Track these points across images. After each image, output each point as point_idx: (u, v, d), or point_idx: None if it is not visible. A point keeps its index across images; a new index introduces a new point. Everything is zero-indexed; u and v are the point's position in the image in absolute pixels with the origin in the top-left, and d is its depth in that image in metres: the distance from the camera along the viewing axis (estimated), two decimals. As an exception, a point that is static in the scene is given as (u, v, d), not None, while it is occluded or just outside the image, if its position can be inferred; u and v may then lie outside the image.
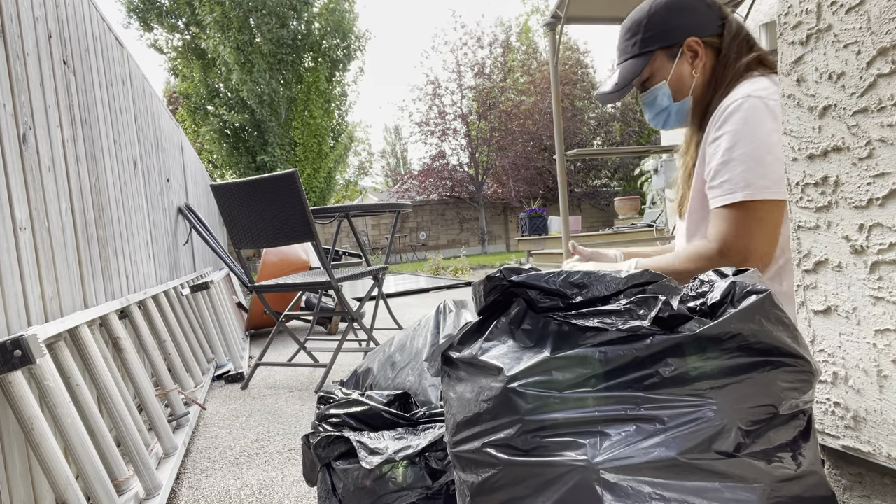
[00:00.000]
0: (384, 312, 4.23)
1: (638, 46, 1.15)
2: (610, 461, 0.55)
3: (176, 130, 3.75)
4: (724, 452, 0.55)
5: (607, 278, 0.63)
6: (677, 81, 1.14)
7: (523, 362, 0.61)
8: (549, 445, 0.58)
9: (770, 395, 0.56)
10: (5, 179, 1.16)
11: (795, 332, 0.59)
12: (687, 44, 1.11)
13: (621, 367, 0.58)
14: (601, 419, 0.57)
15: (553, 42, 3.92)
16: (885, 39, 0.56)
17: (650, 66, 1.15)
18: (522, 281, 0.65)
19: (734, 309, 0.57)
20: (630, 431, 0.56)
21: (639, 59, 1.15)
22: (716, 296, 0.60)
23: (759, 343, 0.57)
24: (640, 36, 1.15)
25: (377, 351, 1.25)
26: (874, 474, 0.65)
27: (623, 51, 1.19)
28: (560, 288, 0.63)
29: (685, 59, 1.13)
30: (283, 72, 12.87)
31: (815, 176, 0.66)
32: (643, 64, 1.15)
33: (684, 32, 1.11)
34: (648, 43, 1.14)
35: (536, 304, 0.65)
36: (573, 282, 0.63)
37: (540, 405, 0.59)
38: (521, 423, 0.60)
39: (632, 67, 1.16)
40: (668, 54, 1.13)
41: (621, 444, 0.56)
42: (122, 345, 1.63)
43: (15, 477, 1.08)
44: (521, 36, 18.91)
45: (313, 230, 2.29)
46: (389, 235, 3.20)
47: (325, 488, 0.96)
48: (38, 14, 1.43)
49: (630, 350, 0.57)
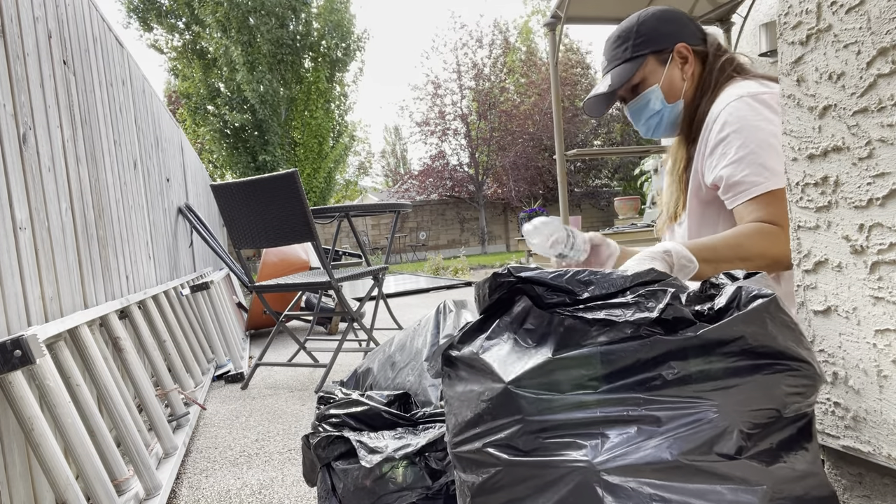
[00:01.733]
0: (384, 312, 4.23)
1: (630, 51, 1.18)
2: (611, 462, 0.55)
3: (176, 130, 3.75)
4: (726, 454, 0.54)
5: (613, 276, 0.63)
6: (669, 85, 1.17)
7: (524, 362, 0.61)
8: (551, 446, 0.58)
9: (773, 399, 0.56)
10: (5, 179, 1.16)
11: (801, 336, 0.59)
12: (677, 49, 1.15)
13: (623, 369, 0.57)
14: (602, 420, 0.57)
15: (553, 42, 3.92)
16: (885, 39, 0.56)
17: (642, 70, 1.17)
18: (530, 277, 0.65)
19: (739, 312, 0.57)
20: (631, 433, 0.56)
21: (631, 63, 1.18)
22: (722, 301, 0.59)
23: (763, 347, 0.56)
24: (631, 41, 1.18)
25: (377, 351, 1.25)
26: (874, 474, 0.65)
27: (613, 58, 1.21)
28: (567, 284, 0.63)
29: (675, 64, 1.16)
30: (282, 72, 12.88)
31: (815, 176, 0.66)
32: (636, 67, 1.17)
33: (674, 38, 1.16)
34: (640, 47, 1.17)
35: (543, 299, 0.65)
36: (580, 279, 0.63)
37: (541, 406, 0.59)
38: (522, 423, 0.60)
39: (624, 71, 1.18)
40: (660, 59, 1.17)
41: (623, 445, 0.56)
42: (122, 345, 1.63)
43: (15, 477, 1.08)
44: (522, 36, 18.92)
45: (313, 230, 2.29)
46: (389, 235, 3.20)
47: (325, 488, 0.96)
48: (38, 14, 1.43)
49: (633, 351, 0.57)
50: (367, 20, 76.53)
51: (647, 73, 1.18)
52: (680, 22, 1.18)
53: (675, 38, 1.16)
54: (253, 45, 12.37)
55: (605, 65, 1.24)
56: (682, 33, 1.16)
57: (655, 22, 1.17)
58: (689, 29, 1.18)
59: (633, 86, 1.20)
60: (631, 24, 1.19)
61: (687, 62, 1.16)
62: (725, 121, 1.03)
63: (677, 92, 1.17)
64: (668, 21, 1.17)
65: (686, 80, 1.16)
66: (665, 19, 1.17)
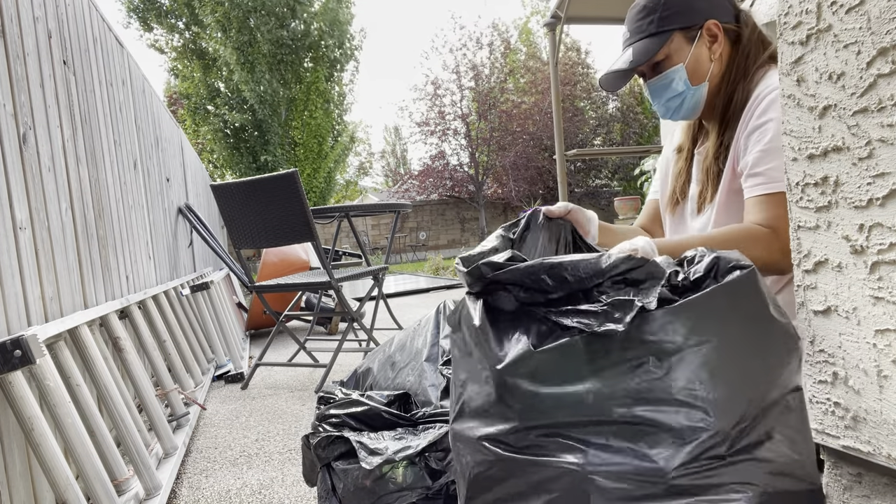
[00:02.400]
0: (384, 312, 4.23)
1: (655, 25, 1.08)
2: (599, 465, 0.55)
3: (176, 130, 3.75)
4: (715, 454, 0.55)
5: (588, 263, 0.61)
6: (694, 65, 1.08)
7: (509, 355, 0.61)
8: (541, 445, 0.59)
9: (760, 381, 0.57)
10: (5, 179, 1.16)
11: (778, 306, 0.60)
12: (707, 26, 1.07)
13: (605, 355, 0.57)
14: (589, 420, 0.57)
15: (553, 42, 3.91)
16: (885, 39, 0.56)
17: (667, 47, 1.08)
18: (499, 277, 0.64)
19: (717, 283, 0.57)
20: (620, 433, 0.56)
21: (655, 38, 1.08)
22: (699, 270, 0.59)
23: (743, 316, 0.57)
24: (657, 14, 1.08)
25: (377, 351, 1.25)
26: (874, 474, 0.65)
27: (636, 30, 1.12)
28: (539, 281, 0.62)
29: (703, 42, 1.07)
30: (282, 72, 12.88)
31: (815, 176, 0.66)
32: (661, 43, 1.08)
33: (704, 14, 1.07)
34: (667, 22, 1.07)
35: (518, 299, 0.65)
36: (554, 273, 0.61)
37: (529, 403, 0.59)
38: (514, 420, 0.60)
39: (648, 46, 1.09)
40: (687, 36, 1.08)
41: (610, 448, 0.56)
42: (122, 345, 1.63)
43: (15, 477, 1.08)
44: (521, 37, 18.92)
45: (313, 230, 2.29)
46: (389, 235, 3.20)
47: (325, 488, 0.96)
48: (38, 14, 1.43)
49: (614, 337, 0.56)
50: (367, 20, 76.55)
51: (673, 51, 1.08)
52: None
53: (705, 13, 1.06)
54: (253, 45, 12.37)
55: (628, 37, 1.14)
56: (715, 9, 1.07)
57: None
58: (721, 4, 1.08)
59: (656, 63, 1.11)
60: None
61: (716, 41, 1.07)
62: (768, 107, 0.97)
63: (703, 73, 1.09)
64: None
65: (714, 60, 1.08)
66: None
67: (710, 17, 1.06)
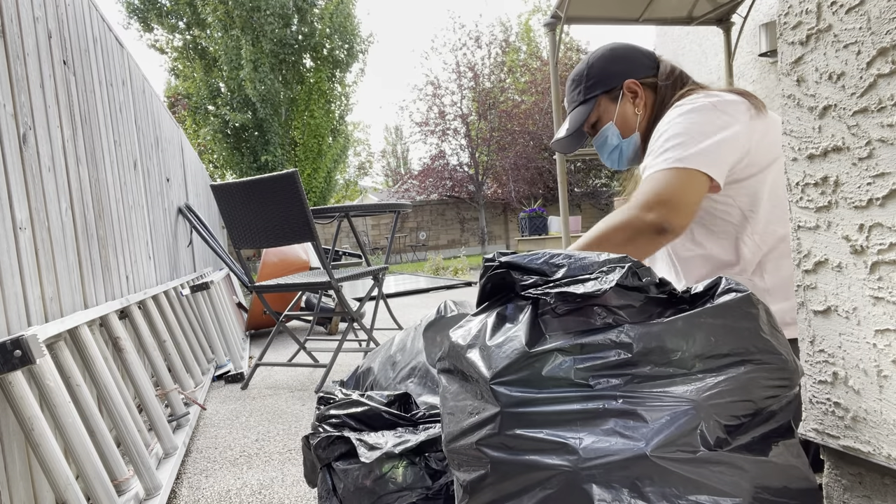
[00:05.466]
0: (384, 312, 4.23)
1: (582, 94, 1.24)
2: (591, 459, 0.56)
3: (176, 131, 3.75)
4: (705, 448, 0.56)
5: (585, 259, 0.69)
6: (622, 120, 1.22)
7: (504, 358, 0.62)
8: (532, 442, 0.59)
9: (748, 392, 0.59)
10: (5, 179, 1.16)
11: (775, 332, 0.62)
12: (626, 85, 1.20)
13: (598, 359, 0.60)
14: (580, 415, 0.58)
15: (553, 42, 3.92)
16: (885, 39, 0.56)
17: (596, 111, 1.24)
18: (509, 262, 0.71)
19: (712, 303, 0.61)
20: (609, 428, 0.57)
21: (585, 105, 1.24)
22: (699, 287, 0.64)
23: (734, 340, 0.60)
24: (583, 85, 1.24)
25: (377, 351, 1.25)
26: (874, 474, 0.65)
27: (571, 100, 1.29)
28: (541, 266, 0.69)
29: (627, 99, 1.21)
30: (283, 72, 12.87)
31: (815, 176, 0.66)
32: (589, 109, 1.24)
33: (622, 76, 1.21)
34: (591, 89, 1.23)
35: (519, 284, 0.69)
36: (554, 262, 0.69)
37: (521, 402, 0.60)
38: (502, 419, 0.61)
39: (579, 114, 1.25)
40: (611, 97, 1.22)
41: (601, 442, 0.57)
42: (122, 345, 1.63)
43: (15, 477, 1.08)
44: (522, 35, 18.92)
45: (313, 230, 2.29)
46: (389, 235, 3.20)
47: (326, 489, 0.96)
48: (38, 14, 1.43)
49: (606, 341, 0.60)
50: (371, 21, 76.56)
51: (602, 113, 1.23)
52: (628, 59, 1.22)
53: (623, 75, 1.20)
54: (256, 44, 12.37)
55: (567, 107, 1.31)
56: (631, 69, 1.21)
57: (604, 63, 1.23)
58: (638, 63, 1.21)
59: (592, 124, 1.26)
60: (582, 68, 1.25)
61: (637, 96, 1.20)
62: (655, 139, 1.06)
63: (632, 126, 1.22)
64: (616, 60, 1.22)
65: (639, 112, 1.21)
66: (613, 58, 1.22)
67: (627, 77, 1.20)
